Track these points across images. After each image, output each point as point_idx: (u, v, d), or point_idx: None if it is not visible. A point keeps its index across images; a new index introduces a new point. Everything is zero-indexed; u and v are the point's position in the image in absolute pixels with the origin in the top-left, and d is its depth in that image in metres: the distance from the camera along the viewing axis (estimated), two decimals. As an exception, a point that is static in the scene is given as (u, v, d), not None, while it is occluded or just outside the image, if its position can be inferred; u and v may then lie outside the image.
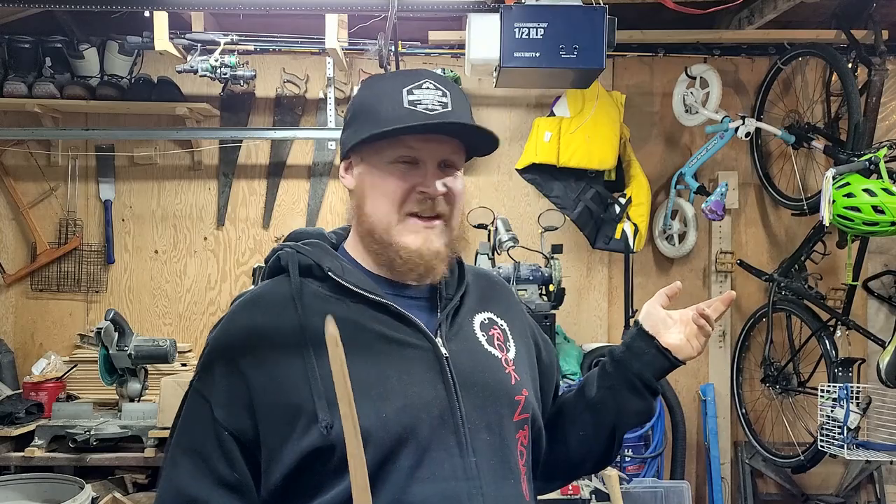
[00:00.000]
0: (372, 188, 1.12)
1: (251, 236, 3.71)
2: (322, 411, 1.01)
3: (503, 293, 1.30)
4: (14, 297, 3.69)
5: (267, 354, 1.06)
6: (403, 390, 1.05)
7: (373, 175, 1.12)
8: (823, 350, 3.11)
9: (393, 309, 1.10)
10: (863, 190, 2.73)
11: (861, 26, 3.34)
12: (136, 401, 3.14)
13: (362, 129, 1.11)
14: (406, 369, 1.07)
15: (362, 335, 1.07)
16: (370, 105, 1.13)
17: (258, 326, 1.09)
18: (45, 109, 3.46)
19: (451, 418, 1.06)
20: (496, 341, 1.19)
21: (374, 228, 1.12)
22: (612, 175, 3.52)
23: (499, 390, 1.13)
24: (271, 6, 2.72)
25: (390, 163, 1.11)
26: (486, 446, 1.08)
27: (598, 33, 2.41)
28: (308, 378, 1.04)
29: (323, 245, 1.17)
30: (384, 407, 1.03)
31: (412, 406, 1.04)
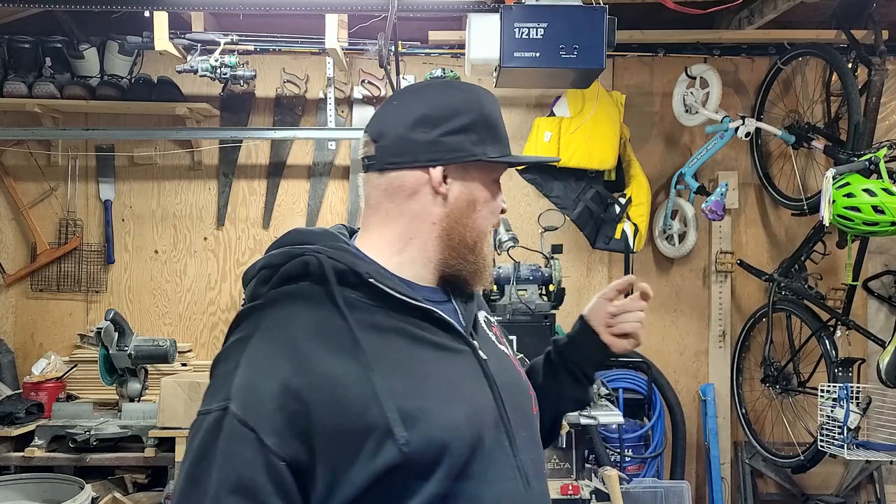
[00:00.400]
0: (483, 203, 1.13)
1: (251, 236, 3.71)
2: (397, 427, 0.95)
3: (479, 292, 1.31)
4: (14, 297, 3.69)
5: (323, 372, 0.96)
6: (466, 398, 1.04)
7: (483, 190, 1.14)
8: (823, 350, 3.11)
9: (437, 315, 1.07)
10: (863, 190, 2.73)
11: (861, 26, 3.34)
12: (136, 401, 3.14)
13: (490, 145, 1.12)
14: (461, 376, 1.06)
15: (416, 345, 1.04)
16: (495, 121, 1.15)
17: (303, 342, 0.99)
18: (45, 109, 3.46)
19: (500, 420, 1.07)
20: (501, 338, 1.21)
21: (476, 241, 1.13)
22: (612, 175, 3.52)
23: (522, 387, 1.17)
24: (271, 6, 2.72)
25: (494, 181, 1.16)
26: (525, 443, 1.10)
27: (598, 33, 2.41)
28: (376, 395, 0.96)
29: (350, 248, 1.10)
30: (455, 415, 1.01)
31: (476, 412, 1.04)
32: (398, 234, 1.12)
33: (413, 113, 1.10)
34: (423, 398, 0.99)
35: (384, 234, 1.12)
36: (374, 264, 1.08)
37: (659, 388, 3.54)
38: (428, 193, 1.10)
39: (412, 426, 0.96)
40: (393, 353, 1.01)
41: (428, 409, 0.98)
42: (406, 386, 0.99)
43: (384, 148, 1.11)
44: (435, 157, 1.09)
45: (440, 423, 0.98)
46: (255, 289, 1.09)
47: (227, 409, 0.95)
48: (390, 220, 1.11)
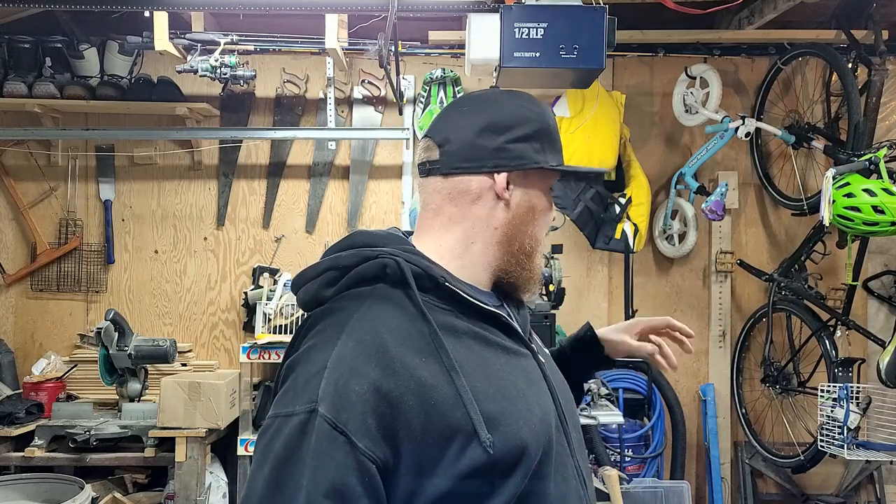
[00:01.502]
0: (540, 211, 1.16)
1: (251, 236, 3.71)
2: (481, 429, 0.97)
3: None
4: (14, 297, 3.69)
5: (411, 375, 0.97)
6: (536, 400, 1.08)
7: (541, 199, 1.17)
8: (823, 350, 3.11)
9: (504, 320, 1.10)
10: (863, 190, 2.73)
11: (861, 26, 3.34)
12: (136, 401, 3.14)
13: (550, 154, 1.15)
14: (529, 379, 1.10)
15: (489, 349, 1.07)
16: (554, 131, 1.18)
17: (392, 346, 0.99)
18: (45, 109, 3.46)
19: (560, 422, 1.11)
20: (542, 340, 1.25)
21: (535, 249, 1.16)
22: (612, 175, 3.52)
23: (568, 391, 1.21)
24: (271, 6, 2.72)
25: (547, 191, 1.18)
26: (579, 445, 1.15)
27: (598, 33, 2.41)
28: (460, 397, 0.97)
29: (421, 252, 1.10)
30: (531, 419, 1.04)
31: (546, 414, 1.08)
32: (460, 238, 1.13)
33: (480, 120, 1.13)
34: (501, 400, 1.02)
35: (446, 238, 1.14)
36: (441, 268, 1.10)
37: (659, 388, 3.54)
38: (491, 199, 1.12)
39: (494, 428, 0.98)
40: (469, 356, 1.03)
41: (507, 411, 1.01)
42: (485, 388, 1.01)
43: (450, 153, 1.13)
44: (500, 164, 1.12)
45: (520, 424, 1.01)
46: (320, 291, 1.08)
47: (315, 410, 0.93)
48: (452, 223, 1.13)
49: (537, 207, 1.16)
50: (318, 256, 2.81)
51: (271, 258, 3.68)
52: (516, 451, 0.99)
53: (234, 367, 3.53)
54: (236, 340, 3.66)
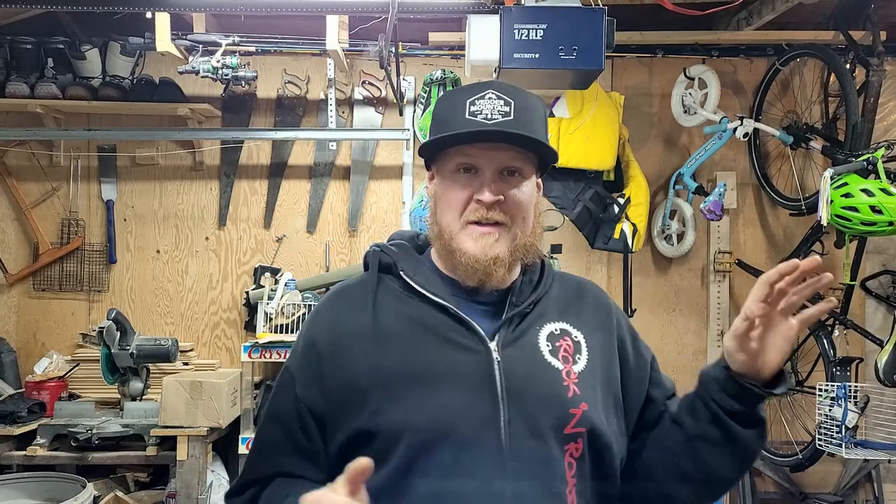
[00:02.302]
0: (440, 196, 1.20)
1: (252, 236, 3.73)
2: (374, 397, 1.10)
3: (592, 305, 1.28)
4: (16, 296, 3.71)
5: (340, 342, 1.17)
6: (448, 390, 1.10)
7: (442, 184, 1.20)
8: (821, 349, 3.12)
9: (452, 311, 1.16)
10: (860, 190, 2.75)
11: (859, 27, 3.35)
12: (137, 400, 3.15)
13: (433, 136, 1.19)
14: (455, 370, 1.12)
15: (421, 333, 1.15)
16: (440, 116, 1.21)
17: (337, 316, 1.20)
18: (47, 110, 3.47)
19: (494, 422, 1.09)
20: (562, 352, 1.18)
21: (443, 234, 1.19)
22: (611, 175, 3.53)
23: (550, 400, 1.13)
24: (272, 7, 2.74)
25: (453, 171, 1.18)
26: (528, 452, 1.10)
27: (598, 34, 2.42)
28: (370, 364, 1.13)
29: (406, 247, 1.26)
30: (428, 403, 1.09)
31: (453, 406, 1.09)
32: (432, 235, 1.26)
33: None
34: (405, 380, 1.11)
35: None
36: (419, 262, 1.23)
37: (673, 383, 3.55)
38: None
39: (389, 401, 1.10)
40: (400, 336, 1.15)
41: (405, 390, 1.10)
42: (398, 366, 1.12)
43: None
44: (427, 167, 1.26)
45: (407, 402, 1.09)
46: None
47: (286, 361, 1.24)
48: None
49: (438, 193, 1.21)
50: (318, 256, 2.87)
51: (272, 258, 3.70)
52: (398, 426, 1.08)
53: (235, 366, 3.55)
54: (238, 340, 3.68)
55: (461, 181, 1.17)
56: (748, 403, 1.11)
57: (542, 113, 1.21)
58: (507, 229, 1.17)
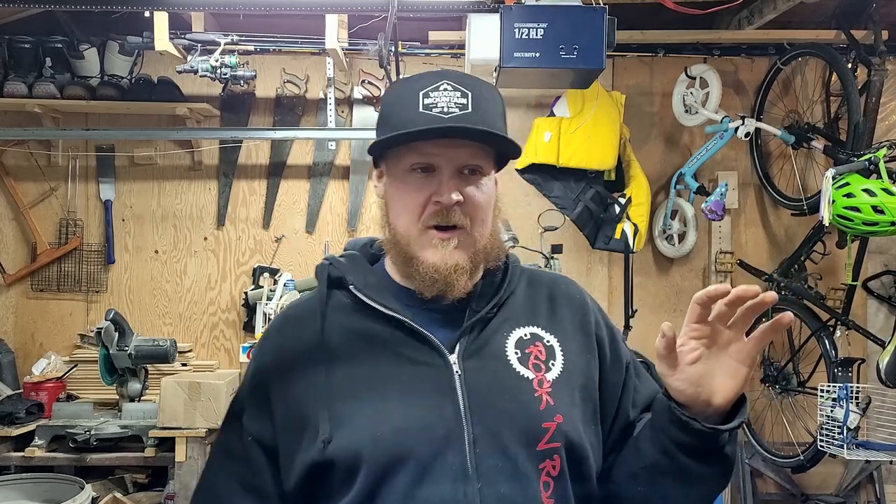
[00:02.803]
0: (393, 198, 1.10)
1: (251, 236, 3.71)
2: (324, 425, 1.02)
3: (567, 304, 1.17)
4: (14, 297, 3.70)
5: (288, 366, 1.08)
6: (403, 410, 1.02)
7: (394, 184, 1.09)
8: (823, 350, 3.11)
9: (407, 324, 1.07)
10: (862, 190, 2.73)
11: (861, 26, 3.34)
12: (136, 401, 3.14)
13: (380, 135, 1.09)
14: (412, 388, 1.03)
15: (371, 350, 1.06)
16: (389, 110, 1.10)
17: (284, 339, 1.12)
18: (46, 110, 3.46)
19: (457, 441, 1.01)
20: (532, 360, 1.08)
21: (398, 241, 1.09)
22: (612, 175, 3.52)
23: (519, 415, 1.04)
24: (271, 6, 2.73)
25: (407, 171, 1.07)
26: (496, 473, 1.00)
27: (598, 33, 2.41)
28: (318, 390, 1.04)
29: (357, 257, 1.17)
30: (381, 426, 1.01)
31: (411, 427, 1.01)
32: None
33: None
34: (357, 403, 1.03)
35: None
36: (369, 272, 1.14)
37: (659, 388, 3.54)
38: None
39: (338, 428, 1.01)
40: (350, 357, 1.06)
41: (356, 415, 1.02)
42: (349, 388, 1.04)
43: None
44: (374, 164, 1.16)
45: (358, 430, 1.01)
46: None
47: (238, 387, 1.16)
48: None
49: (391, 195, 1.10)
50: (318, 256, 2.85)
51: (271, 258, 3.68)
52: (351, 456, 1.00)
53: (234, 367, 3.54)
54: (236, 340, 3.66)
55: (416, 182, 1.06)
56: (698, 437, 0.98)
57: (500, 104, 1.11)
58: (467, 233, 1.07)
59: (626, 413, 1.16)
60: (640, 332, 3.40)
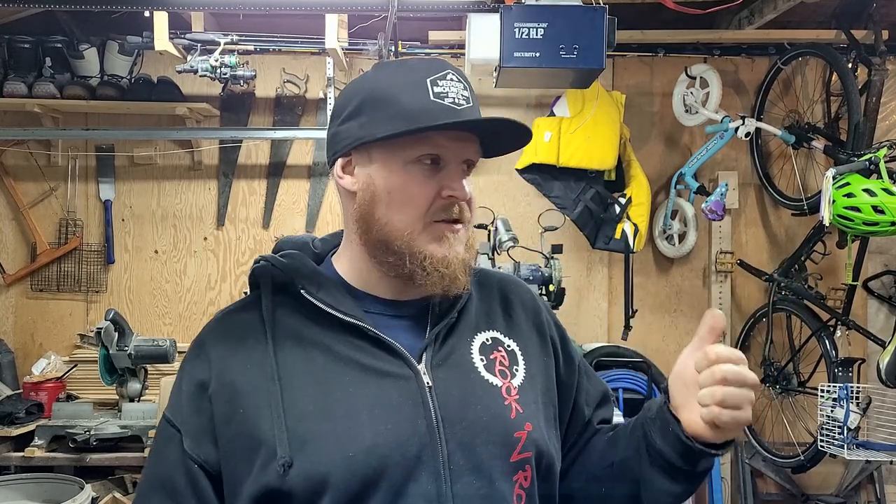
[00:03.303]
0: (389, 192, 0.98)
1: (251, 236, 3.71)
2: (282, 446, 0.91)
3: (520, 305, 1.13)
4: (14, 297, 3.69)
5: (234, 381, 0.96)
6: (374, 427, 0.93)
7: (389, 176, 0.99)
8: (823, 350, 3.11)
9: (371, 333, 0.98)
10: (863, 190, 2.73)
11: (861, 26, 3.34)
12: (136, 401, 3.13)
13: (378, 122, 0.98)
14: (381, 403, 0.95)
15: (333, 363, 0.97)
16: (387, 94, 0.98)
17: (226, 350, 0.99)
18: (45, 109, 3.46)
19: (430, 459, 0.93)
20: (498, 366, 1.03)
21: (391, 237, 0.99)
22: (612, 175, 3.52)
23: (492, 426, 0.98)
24: (271, 6, 2.72)
25: (410, 162, 0.98)
26: (470, 491, 0.94)
27: (598, 33, 2.41)
28: (271, 408, 0.93)
29: (302, 258, 1.05)
30: (349, 446, 0.91)
31: (384, 445, 0.92)
32: (344, 241, 1.08)
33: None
34: (320, 422, 0.93)
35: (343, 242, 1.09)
36: (319, 275, 1.03)
37: (659, 388, 3.54)
38: (343, 192, 1.05)
39: (298, 450, 0.91)
40: (307, 369, 0.96)
41: (320, 434, 0.92)
42: (306, 406, 0.94)
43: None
44: (334, 151, 1.04)
45: (325, 451, 0.91)
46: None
47: (165, 410, 1.01)
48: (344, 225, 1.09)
49: (381, 188, 0.99)
50: (317, 256, 2.64)
51: (271, 258, 3.68)
52: (316, 481, 0.90)
53: (234, 367, 3.53)
54: (236, 340, 3.66)
55: (422, 173, 0.98)
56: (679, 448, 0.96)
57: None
58: (466, 229, 1.02)
59: (582, 412, 1.14)
60: (640, 332, 3.39)
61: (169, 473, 0.97)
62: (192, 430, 0.97)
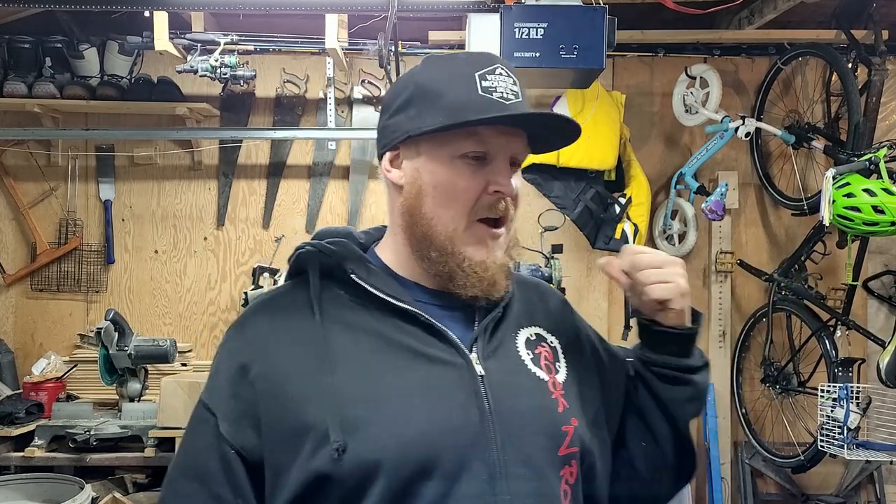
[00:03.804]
0: (435, 186, 0.98)
1: (251, 236, 3.71)
2: (335, 431, 0.89)
3: (555, 306, 1.15)
4: (14, 297, 3.69)
5: (280, 365, 0.95)
6: (427, 412, 0.92)
7: (436, 171, 0.98)
8: (823, 350, 3.11)
9: (423, 319, 0.98)
10: (863, 190, 2.73)
11: (861, 26, 3.34)
12: (136, 401, 3.14)
13: (425, 115, 0.98)
14: (433, 388, 0.94)
15: (386, 349, 0.96)
16: (435, 88, 0.98)
17: (271, 333, 0.98)
18: (45, 109, 3.46)
19: (483, 449, 0.93)
20: (543, 361, 1.04)
21: (435, 234, 0.99)
22: (612, 175, 3.52)
23: (542, 418, 0.98)
24: (271, 6, 2.72)
25: (457, 157, 0.98)
26: (522, 482, 0.94)
27: (598, 33, 2.41)
28: (322, 394, 0.92)
29: (349, 245, 1.03)
30: (403, 430, 0.90)
31: (438, 431, 0.92)
32: (388, 231, 1.08)
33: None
34: (371, 406, 0.92)
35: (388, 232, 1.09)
36: (367, 262, 1.03)
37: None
38: (390, 184, 1.05)
39: (350, 435, 0.90)
40: (356, 353, 0.96)
41: (372, 419, 0.91)
42: (357, 390, 0.93)
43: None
44: (383, 144, 1.05)
45: (378, 435, 0.90)
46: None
47: (200, 394, 1.00)
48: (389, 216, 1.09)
49: (427, 183, 0.99)
50: (318, 256, 2.64)
51: (271, 258, 3.68)
52: (370, 464, 0.89)
53: (234, 367, 3.53)
54: (236, 340, 3.65)
55: (469, 168, 0.98)
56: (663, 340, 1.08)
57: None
58: (508, 229, 1.02)
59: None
60: (640, 332, 3.38)
61: (201, 458, 0.95)
62: (229, 415, 0.95)
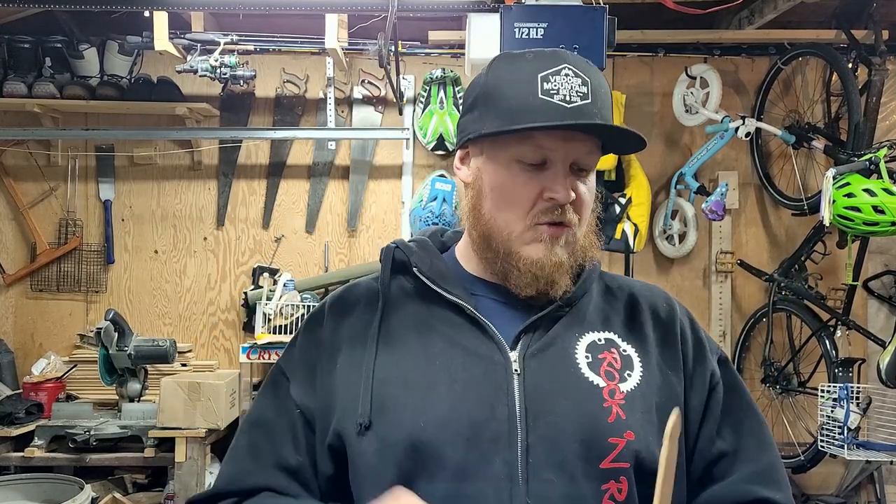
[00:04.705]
0: (493, 188, 0.99)
1: (251, 236, 3.71)
2: (364, 408, 0.95)
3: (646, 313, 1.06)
4: (14, 297, 3.69)
5: (342, 341, 1.03)
6: (451, 402, 0.93)
7: (494, 173, 0.99)
8: (823, 350, 3.11)
9: (469, 312, 0.99)
10: (863, 190, 2.73)
11: (861, 26, 3.34)
12: (135, 401, 3.14)
13: (486, 117, 0.98)
14: (461, 379, 0.94)
15: (426, 336, 0.99)
16: (499, 89, 0.98)
17: (341, 314, 1.06)
18: (45, 109, 3.46)
19: (506, 448, 0.90)
20: (605, 367, 0.98)
21: (492, 234, 1.00)
22: (612, 175, 3.52)
23: (583, 424, 0.93)
24: (271, 6, 2.73)
25: (514, 161, 0.97)
26: (549, 487, 0.90)
27: (598, 33, 2.41)
28: (363, 372, 0.98)
29: (425, 242, 1.09)
30: (422, 416, 0.92)
31: (456, 421, 0.92)
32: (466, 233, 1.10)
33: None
34: (400, 389, 0.96)
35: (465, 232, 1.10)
36: (436, 258, 1.07)
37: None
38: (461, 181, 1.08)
39: (377, 414, 0.95)
40: (402, 339, 1.00)
41: (398, 402, 0.95)
42: (393, 373, 0.97)
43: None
44: (456, 142, 1.08)
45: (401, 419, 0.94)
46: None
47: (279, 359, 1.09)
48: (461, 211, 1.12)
49: (486, 184, 1.00)
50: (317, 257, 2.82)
51: (271, 258, 3.68)
52: (388, 444, 0.93)
53: (233, 367, 3.53)
54: (236, 340, 3.66)
55: (526, 173, 0.97)
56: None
57: (610, 93, 1.01)
58: (573, 232, 0.99)
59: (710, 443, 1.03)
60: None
61: (270, 414, 1.03)
62: (299, 378, 1.04)
